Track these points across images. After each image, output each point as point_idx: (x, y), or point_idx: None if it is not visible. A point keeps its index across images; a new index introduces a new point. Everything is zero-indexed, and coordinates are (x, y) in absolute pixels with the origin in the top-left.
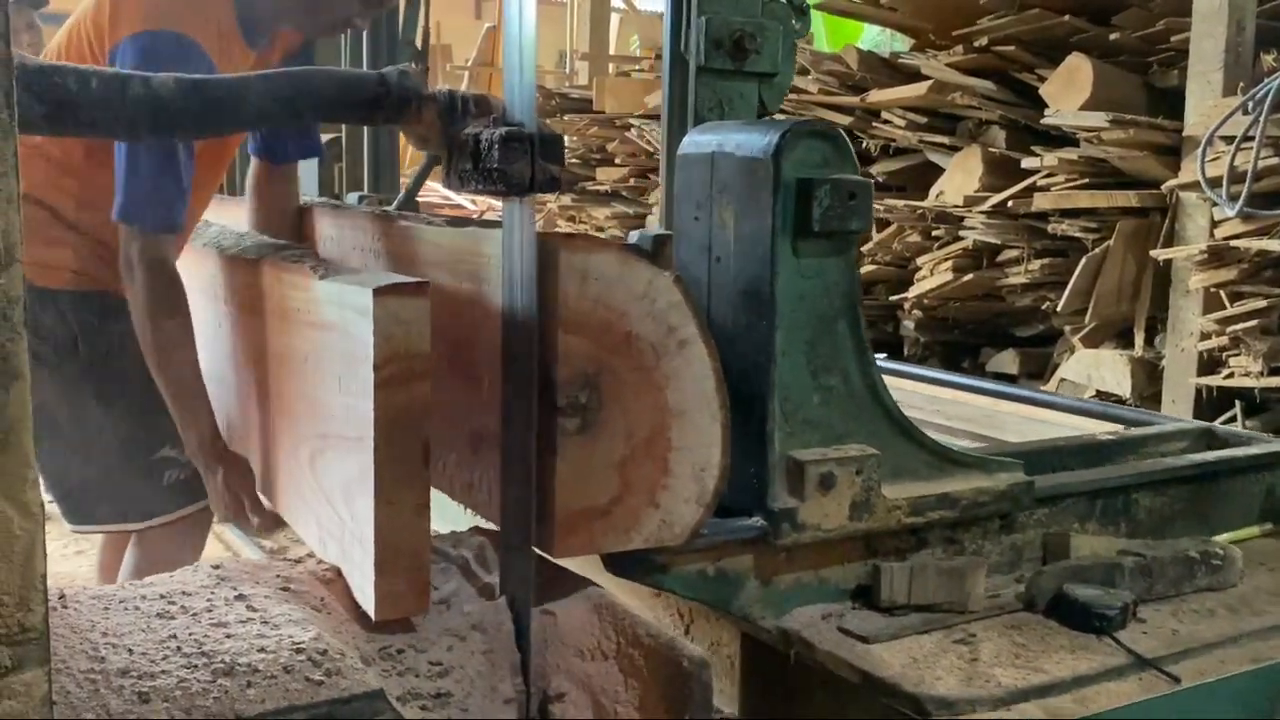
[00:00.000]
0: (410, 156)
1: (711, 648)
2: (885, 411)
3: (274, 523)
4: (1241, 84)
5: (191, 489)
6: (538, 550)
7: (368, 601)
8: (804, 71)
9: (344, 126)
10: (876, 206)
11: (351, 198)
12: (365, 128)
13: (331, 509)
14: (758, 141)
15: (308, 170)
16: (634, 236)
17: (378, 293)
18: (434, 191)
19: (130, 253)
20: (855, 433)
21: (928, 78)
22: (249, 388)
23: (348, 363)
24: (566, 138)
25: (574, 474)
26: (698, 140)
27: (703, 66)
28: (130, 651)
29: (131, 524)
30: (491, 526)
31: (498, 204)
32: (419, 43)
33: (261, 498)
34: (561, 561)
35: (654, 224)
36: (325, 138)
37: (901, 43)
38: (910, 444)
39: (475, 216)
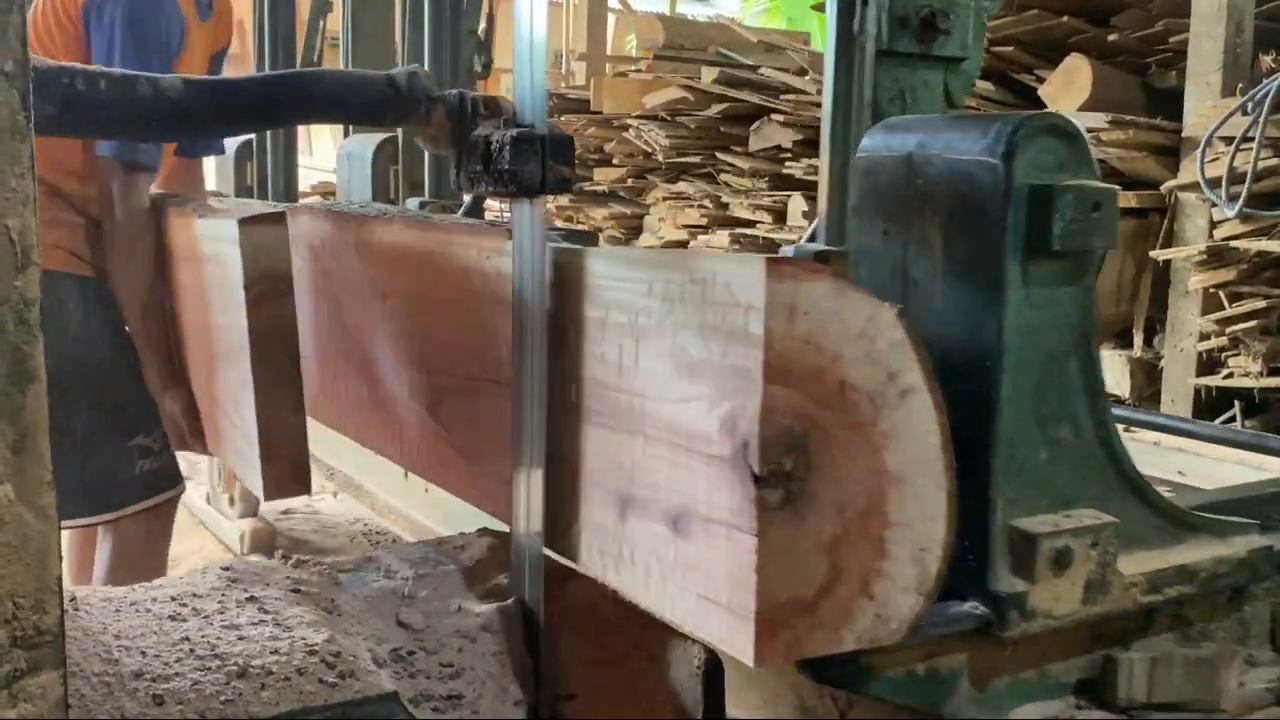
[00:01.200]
0: None
1: None
2: (1119, 467)
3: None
4: (1240, 85)
5: (162, 477)
6: (732, 653)
7: (257, 488)
8: (802, 72)
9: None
10: None
11: (412, 203)
12: None
13: (227, 417)
14: (978, 140)
15: (222, 170)
16: (788, 251)
17: (243, 223)
18: None
19: (110, 185)
20: (1085, 494)
21: None
22: (177, 324)
23: (224, 287)
24: None
25: (776, 560)
26: (887, 139)
27: (884, 50)
28: (143, 654)
29: (104, 515)
30: (501, 527)
31: (495, 203)
32: (481, 32)
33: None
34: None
35: (778, 240)
36: (379, 138)
37: None
38: (1143, 506)
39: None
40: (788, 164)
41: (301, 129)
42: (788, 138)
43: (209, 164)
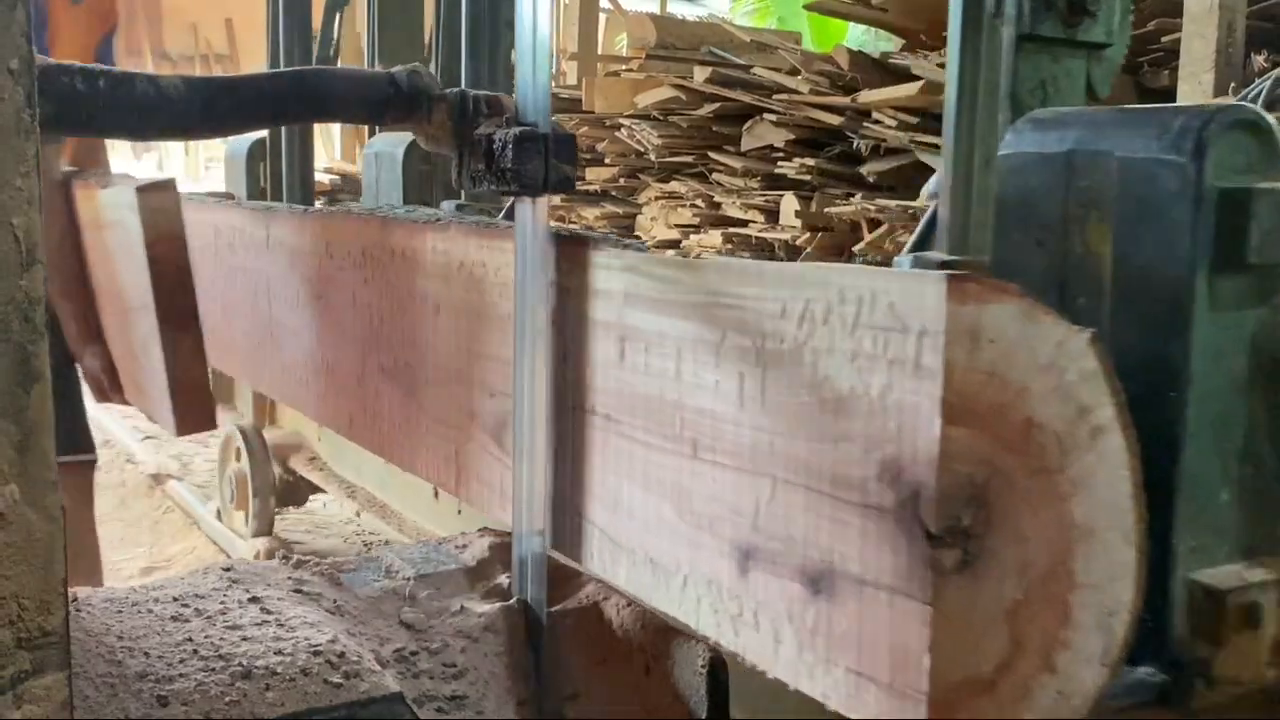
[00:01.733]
0: None
1: None
2: None
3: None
4: (1233, 84)
5: (71, 437)
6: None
7: (169, 425)
8: (794, 71)
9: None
10: (867, 206)
11: (448, 206)
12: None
13: (140, 366)
14: (1158, 135)
15: (233, 169)
16: (903, 263)
17: (140, 190)
18: None
19: None
20: (1265, 540)
21: (919, 78)
22: (91, 287)
23: (128, 248)
24: None
25: (951, 632)
26: (1038, 136)
27: (1027, 35)
28: (147, 655)
29: None
30: (502, 527)
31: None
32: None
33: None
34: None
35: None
36: (409, 137)
37: (887, 42)
38: None
39: None
40: (780, 164)
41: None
42: (780, 137)
43: (216, 167)
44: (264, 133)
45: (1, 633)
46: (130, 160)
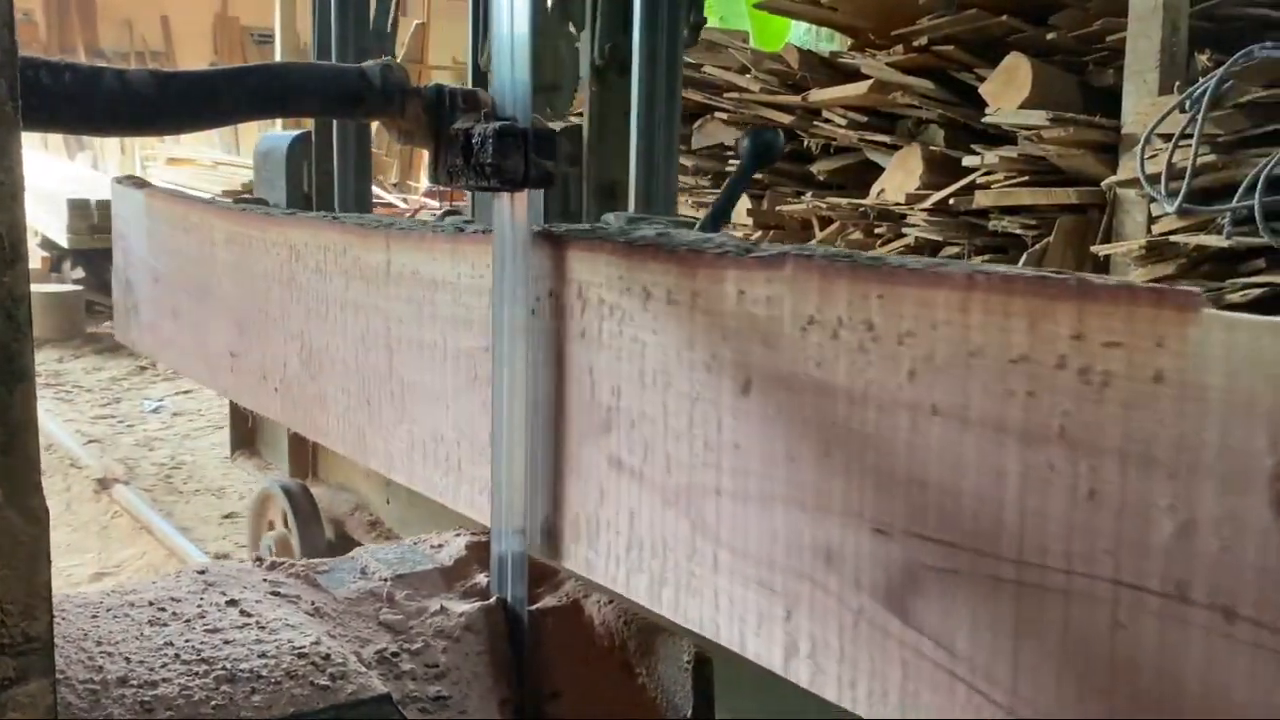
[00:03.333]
0: None
1: None
2: None
3: None
4: (1177, 83)
5: None
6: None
7: None
8: (744, 70)
9: (587, 125)
10: (818, 205)
11: (614, 219)
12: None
13: None
14: None
15: (266, 172)
16: None
17: None
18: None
19: None
20: None
21: (867, 77)
22: None
23: None
24: None
25: None
26: None
27: None
28: (128, 660)
29: None
30: (481, 527)
31: (432, 203)
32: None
33: None
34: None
35: None
36: (295, 133)
37: (828, 41)
38: None
39: (408, 215)
40: (730, 162)
41: (230, 126)
42: (730, 135)
43: (154, 168)
44: (309, 125)
45: None
46: (64, 159)
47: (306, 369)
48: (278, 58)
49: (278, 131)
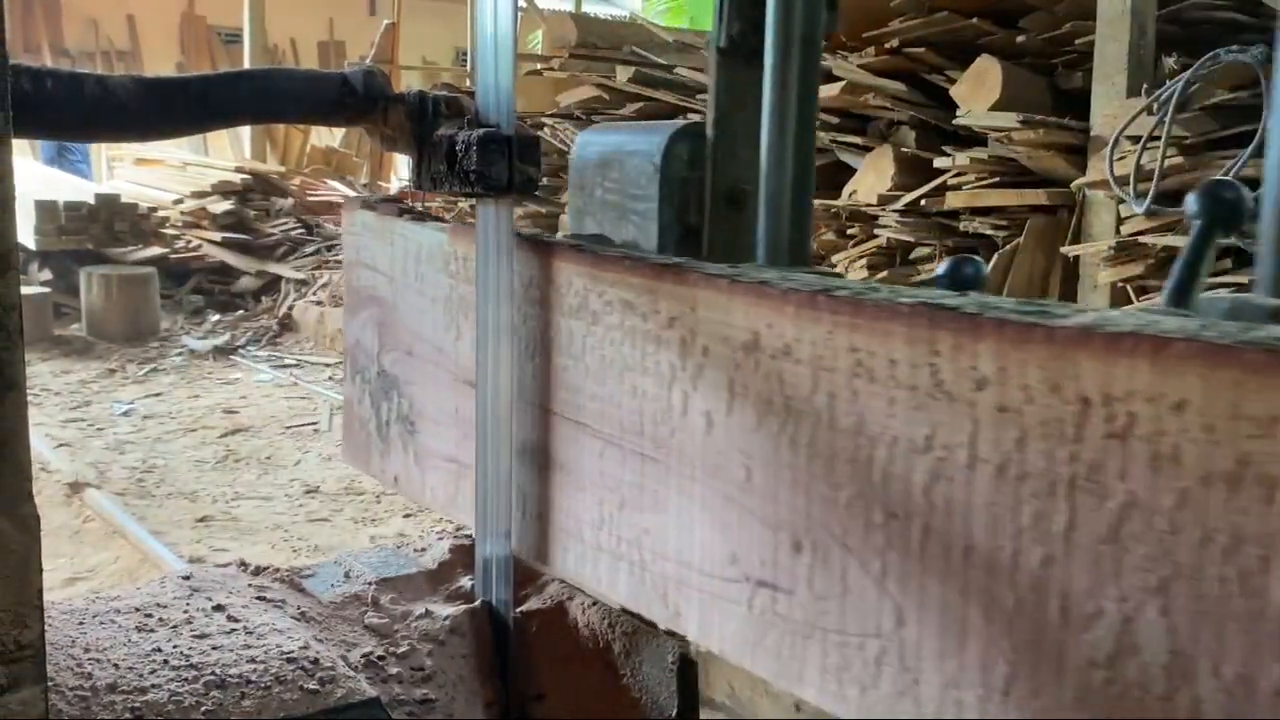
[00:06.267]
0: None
1: None
2: None
3: None
4: (1145, 85)
5: None
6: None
7: None
8: None
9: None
10: None
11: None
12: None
13: None
14: None
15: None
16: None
17: None
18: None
19: None
20: None
21: (839, 79)
22: None
23: None
24: None
25: None
26: None
27: None
28: (116, 666)
29: None
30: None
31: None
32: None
33: None
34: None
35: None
36: None
37: None
38: None
39: None
40: None
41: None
42: None
43: (120, 168)
44: (692, 125)
45: None
46: (29, 159)
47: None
48: (246, 57)
49: (616, 128)
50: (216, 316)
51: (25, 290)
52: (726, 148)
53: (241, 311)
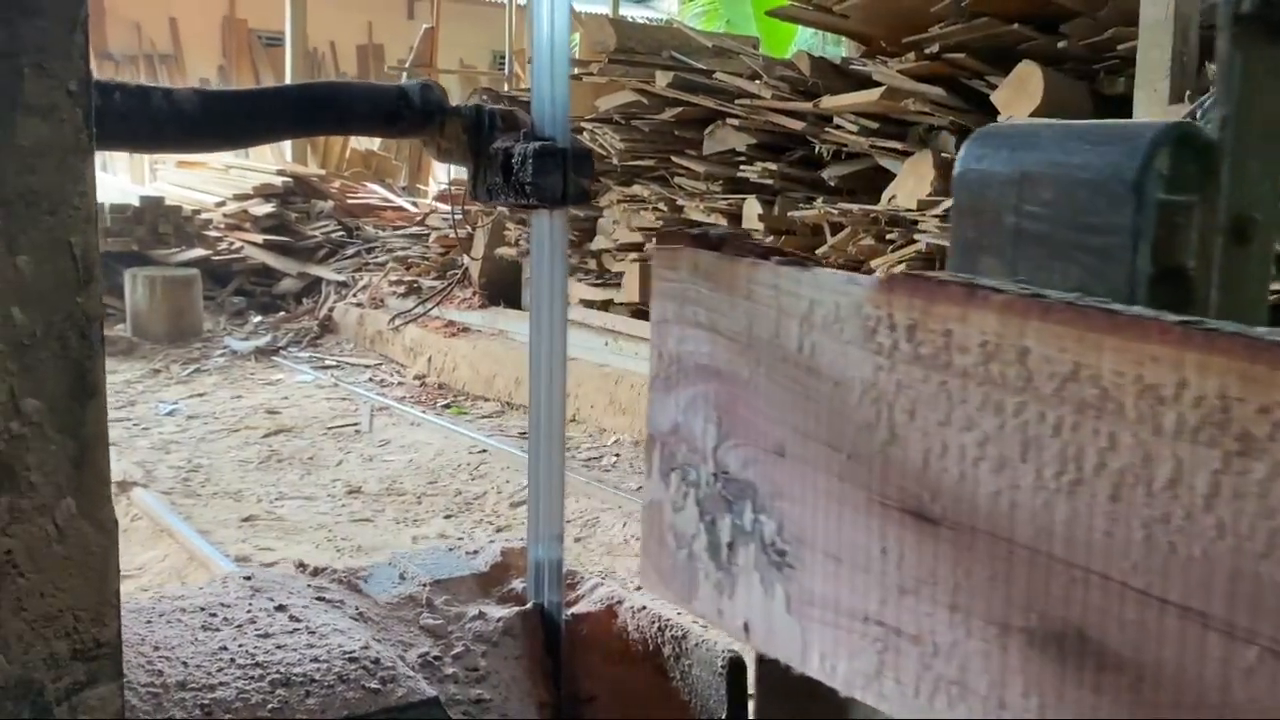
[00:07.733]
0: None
1: None
2: None
3: None
4: (1188, 92)
5: None
6: None
7: None
8: (755, 76)
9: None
10: (830, 210)
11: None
12: None
13: None
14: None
15: None
16: None
17: None
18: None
19: None
20: None
21: (878, 84)
22: None
23: None
24: None
25: None
26: None
27: None
28: (185, 664)
29: None
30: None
31: (443, 206)
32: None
33: None
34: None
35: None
36: None
37: (835, 46)
38: None
39: (418, 219)
40: (741, 167)
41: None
42: (741, 141)
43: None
44: (1182, 127)
45: (58, 644)
46: None
47: None
48: (287, 61)
49: (1034, 129)
50: (258, 318)
51: None
52: (1239, 160)
53: (283, 313)
